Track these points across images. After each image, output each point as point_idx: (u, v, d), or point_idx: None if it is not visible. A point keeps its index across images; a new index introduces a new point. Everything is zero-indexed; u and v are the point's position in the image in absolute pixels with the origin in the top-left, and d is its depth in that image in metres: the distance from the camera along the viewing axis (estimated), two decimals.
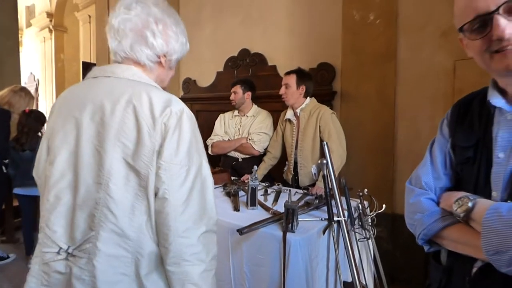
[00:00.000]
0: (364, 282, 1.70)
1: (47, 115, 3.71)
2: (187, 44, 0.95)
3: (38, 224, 0.85)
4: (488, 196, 0.72)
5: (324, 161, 1.42)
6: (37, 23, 7.92)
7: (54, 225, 0.79)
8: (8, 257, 2.90)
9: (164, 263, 0.78)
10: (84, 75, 6.38)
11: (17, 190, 2.85)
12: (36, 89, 8.01)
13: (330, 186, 1.42)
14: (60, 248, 0.78)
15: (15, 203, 3.28)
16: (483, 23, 0.64)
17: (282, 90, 2.25)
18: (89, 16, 6.95)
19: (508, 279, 0.63)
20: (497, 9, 0.61)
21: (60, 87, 7.46)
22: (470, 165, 0.78)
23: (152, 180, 0.76)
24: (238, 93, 2.58)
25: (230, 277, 1.43)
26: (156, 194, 0.77)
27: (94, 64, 5.34)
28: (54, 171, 0.81)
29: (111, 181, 0.76)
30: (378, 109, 2.56)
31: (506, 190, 0.68)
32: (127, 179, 0.77)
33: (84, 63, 6.15)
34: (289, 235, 1.25)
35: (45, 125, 0.99)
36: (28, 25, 8.16)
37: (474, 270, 0.72)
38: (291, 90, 2.20)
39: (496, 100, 0.72)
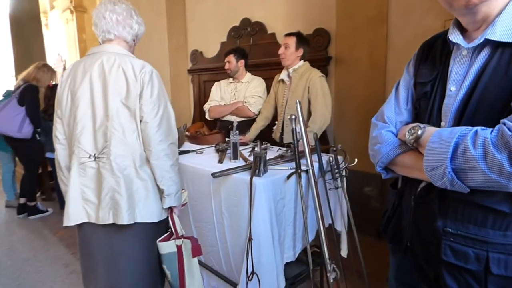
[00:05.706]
0: (338, 229, 1.89)
1: None
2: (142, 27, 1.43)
3: None
4: (438, 126, 0.79)
5: (293, 116, 1.57)
6: (59, 5, 8.19)
7: (84, 143, 1.28)
8: (47, 211, 3.50)
9: (149, 159, 1.29)
10: None
11: (48, 154, 3.30)
12: (64, 68, 8.43)
13: (299, 139, 1.58)
14: (90, 154, 1.28)
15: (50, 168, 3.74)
16: None
17: (281, 50, 2.31)
18: None
19: (443, 193, 0.75)
20: None
21: None
22: (426, 99, 0.84)
23: (138, 112, 1.26)
24: (232, 62, 2.72)
25: (212, 218, 1.65)
26: (141, 121, 1.27)
27: None
28: (79, 111, 1.28)
29: (114, 113, 1.25)
30: (369, 73, 2.62)
31: (453, 120, 0.76)
32: (123, 112, 1.26)
33: None
34: (255, 179, 1.44)
35: (64, 79, 1.34)
36: (52, 7, 8.49)
37: (418, 190, 0.83)
38: (290, 51, 2.28)
39: (454, 36, 0.78)
